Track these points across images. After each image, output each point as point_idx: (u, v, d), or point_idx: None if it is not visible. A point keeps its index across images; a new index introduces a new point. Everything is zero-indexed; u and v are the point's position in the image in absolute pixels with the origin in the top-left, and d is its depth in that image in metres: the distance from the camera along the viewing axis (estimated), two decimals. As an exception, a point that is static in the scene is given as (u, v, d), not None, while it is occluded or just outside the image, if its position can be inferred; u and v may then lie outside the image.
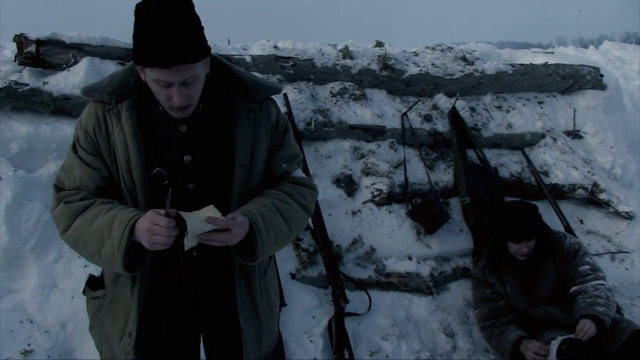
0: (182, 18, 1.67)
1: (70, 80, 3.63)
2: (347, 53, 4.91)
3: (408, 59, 5.17)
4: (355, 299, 3.70)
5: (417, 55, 5.40)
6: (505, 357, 3.53)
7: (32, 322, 2.94)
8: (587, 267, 3.61)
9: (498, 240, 3.75)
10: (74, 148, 1.91)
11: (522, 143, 5.11)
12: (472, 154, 4.75)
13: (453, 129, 4.72)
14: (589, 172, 4.98)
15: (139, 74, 1.81)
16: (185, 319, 2.11)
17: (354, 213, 4.09)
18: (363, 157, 4.36)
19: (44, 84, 3.59)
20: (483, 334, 3.74)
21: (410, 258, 4.05)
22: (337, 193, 4.12)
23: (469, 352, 3.77)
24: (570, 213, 4.85)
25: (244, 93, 1.93)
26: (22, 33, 3.67)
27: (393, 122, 4.63)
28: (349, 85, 4.65)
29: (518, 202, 4.11)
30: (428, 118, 4.79)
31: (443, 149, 4.76)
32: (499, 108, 5.22)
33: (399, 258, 4.03)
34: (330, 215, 3.95)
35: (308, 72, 4.55)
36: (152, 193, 1.87)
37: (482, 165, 4.64)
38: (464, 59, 5.43)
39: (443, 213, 4.20)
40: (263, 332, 2.12)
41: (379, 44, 5.48)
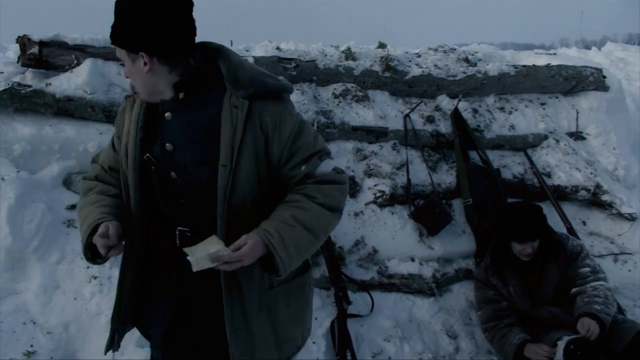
0: (137, 6, 1.79)
1: (73, 82, 3.64)
2: (349, 54, 4.91)
3: (410, 60, 5.17)
4: (358, 301, 3.70)
5: (419, 57, 5.39)
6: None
7: (34, 323, 2.95)
8: (587, 269, 3.61)
9: (502, 241, 3.75)
10: None
11: (524, 144, 5.10)
12: (474, 156, 4.75)
13: (455, 130, 4.71)
14: (592, 173, 4.97)
15: None
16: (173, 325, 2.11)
17: (357, 214, 4.09)
18: (365, 158, 4.36)
19: (47, 86, 3.60)
20: (486, 336, 3.74)
21: (413, 259, 4.05)
22: (339, 194, 4.12)
23: (472, 353, 3.76)
24: (573, 214, 4.84)
25: (233, 88, 1.87)
26: (25, 34, 3.67)
27: (395, 123, 4.62)
28: (352, 87, 4.64)
29: (523, 202, 4.10)
30: (430, 119, 4.79)
31: (445, 151, 4.76)
32: (502, 109, 5.21)
33: (402, 259, 4.03)
34: (333, 217, 3.95)
35: (310, 73, 4.55)
36: (141, 177, 1.99)
37: (484, 167, 4.64)
38: (467, 60, 5.42)
39: (445, 214, 4.20)
40: (256, 350, 2.01)
41: (382, 45, 5.47)
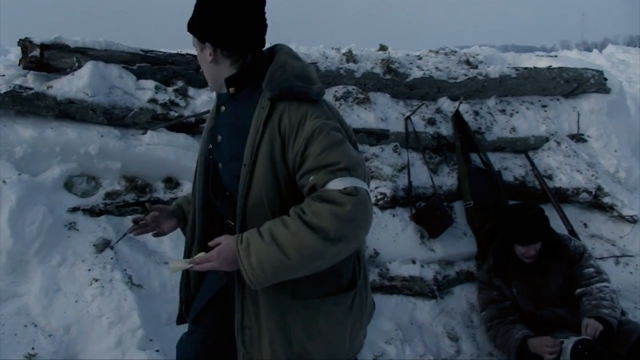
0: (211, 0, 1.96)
1: (75, 85, 3.64)
2: (350, 57, 4.91)
3: (412, 63, 5.17)
4: (359, 303, 3.69)
5: (420, 59, 5.39)
6: (511, 355, 3.53)
7: (36, 325, 2.94)
8: (592, 269, 3.62)
9: (505, 243, 3.75)
10: None
11: (526, 147, 5.10)
12: (475, 158, 4.75)
13: (457, 133, 4.71)
14: (593, 175, 4.97)
15: None
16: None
17: (358, 216, 4.08)
18: (367, 160, 4.36)
19: (48, 88, 3.60)
20: (489, 334, 3.74)
21: (414, 262, 4.05)
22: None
23: (473, 356, 3.76)
24: (574, 217, 4.84)
25: (266, 88, 1.91)
26: (26, 37, 3.68)
27: (397, 125, 4.62)
28: (353, 89, 4.64)
29: (525, 204, 4.11)
30: (432, 122, 4.79)
31: (447, 153, 4.76)
32: (503, 112, 5.21)
33: (403, 262, 4.02)
34: (334, 219, 3.94)
35: (312, 75, 4.54)
36: (206, 167, 2.18)
37: (486, 169, 4.63)
38: (468, 63, 5.42)
39: (447, 217, 4.20)
40: (263, 355, 2.02)
41: (383, 48, 5.48)
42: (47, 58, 3.69)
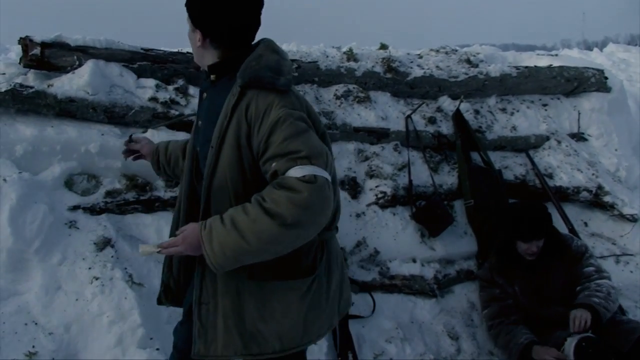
0: None
1: (75, 83, 3.64)
2: (351, 55, 4.91)
3: (412, 62, 5.16)
4: (359, 302, 3.70)
5: (421, 58, 5.39)
6: (512, 358, 3.53)
7: (36, 324, 2.94)
8: (592, 268, 3.64)
9: (507, 240, 3.75)
10: None
11: (526, 145, 5.10)
12: (476, 157, 4.75)
13: (457, 132, 4.71)
14: (594, 174, 4.97)
15: None
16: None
17: (358, 215, 4.09)
18: (367, 159, 4.36)
19: (49, 87, 3.60)
20: (490, 333, 3.74)
21: (415, 260, 4.05)
22: (341, 195, 4.10)
23: (473, 354, 3.76)
24: (575, 216, 4.84)
25: (238, 77, 2.01)
26: (27, 36, 3.67)
27: (397, 124, 4.62)
28: (353, 88, 4.64)
29: (527, 201, 4.13)
30: (432, 120, 4.79)
31: (447, 152, 4.75)
32: (503, 110, 5.21)
33: (403, 260, 4.02)
34: (334, 218, 3.95)
35: (312, 74, 4.55)
36: (190, 152, 2.31)
37: (486, 168, 4.63)
38: (468, 62, 5.42)
39: (447, 216, 4.20)
40: (218, 332, 2.11)
41: (383, 47, 5.48)
42: (47, 56, 3.68)
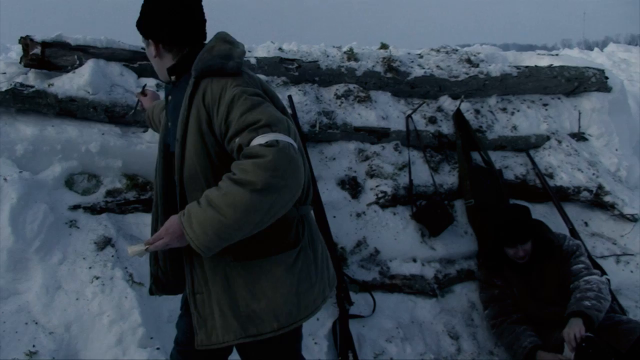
0: (151, 1, 2.23)
1: (76, 82, 3.64)
2: (351, 55, 4.91)
3: (413, 61, 5.16)
4: (360, 301, 3.70)
5: (421, 58, 5.39)
6: None
7: (36, 323, 2.95)
8: (581, 265, 3.64)
9: (495, 246, 3.78)
10: None
11: (526, 145, 5.10)
12: (476, 156, 4.74)
13: (458, 131, 4.71)
14: (594, 174, 4.96)
15: None
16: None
17: (359, 215, 4.09)
18: (368, 159, 4.36)
19: (50, 86, 3.60)
20: (494, 332, 3.75)
21: (415, 260, 4.05)
22: (341, 195, 4.12)
23: (474, 354, 3.76)
24: (575, 215, 4.84)
25: (192, 70, 2.12)
26: (27, 35, 3.67)
27: (398, 124, 4.62)
28: (354, 87, 4.64)
29: (509, 206, 4.15)
30: (433, 120, 4.79)
31: (448, 151, 4.75)
32: (504, 110, 5.21)
33: (404, 260, 4.03)
34: (335, 217, 3.95)
35: (313, 74, 4.55)
36: (160, 152, 2.38)
37: (487, 168, 4.63)
38: (469, 61, 5.42)
39: (447, 215, 4.20)
40: (216, 318, 2.15)
41: (384, 46, 5.47)
42: (48, 56, 3.69)
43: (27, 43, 3.67)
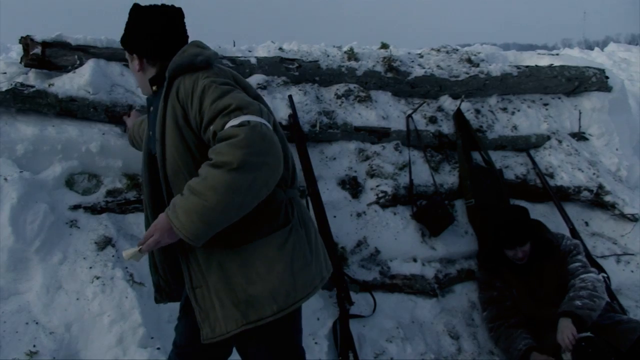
0: (131, 17, 2.35)
1: (76, 82, 3.63)
2: (352, 55, 4.90)
3: (413, 61, 5.16)
4: (360, 301, 3.70)
5: (422, 57, 5.39)
6: None
7: (37, 323, 2.95)
8: (578, 264, 3.64)
9: (494, 247, 3.78)
10: None
11: (527, 145, 5.10)
12: (477, 156, 4.75)
13: (458, 131, 4.71)
14: (595, 174, 4.96)
15: None
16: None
17: (359, 215, 4.08)
18: (368, 158, 4.36)
19: (50, 86, 3.59)
20: (491, 335, 3.75)
21: (415, 260, 4.05)
22: (342, 195, 4.12)
23: (474, 354, 3.77)
24: (576, 215, 4.84)
25: (167, 72, 2.21)
26: (28, 35, 3.67)
27: (398, 123, 4.62)
28: (354, 87, 4.64)
29: (507, 208, 4.15)
30: (433, 120, 4.79)
31: (448, 151, 4.75)
32: (504, 110, 5.21)
33: (404, 260, 4.03)
34: (335, 217, 3.95)
35: (313, 74, 4.55)
36: (145, 159, 2.43)
37: (487, 167, 4.63)
38: (469, 61, 5.41)
39: (448, 215, 4.20)
40: (216, 308, 2.17)
41: (384, 46, 5.47)
42: (48, 56, 3.68)
43: (27, 43, 3.66)
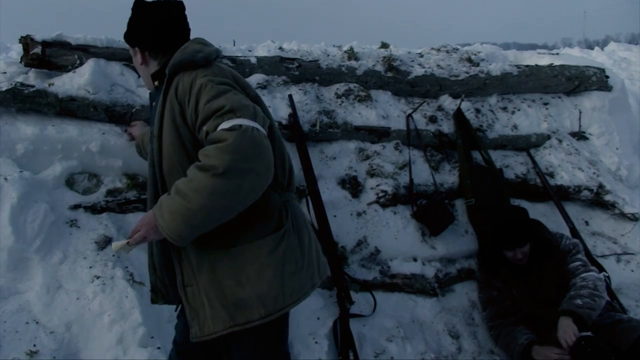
0: (133, 12, 2.37)
1: (76, 82, 3.63)
2: (352, 54, 4.90)
3: (413, 60, 5.16)
4: (360, 301, 3.70)
5: (422, 57, 5.39)
6: (514, 359, 3.54)
7: (37, 323, 2.95)
8: (578, 263, 3.64)
9: (493, 249, 3.78)
10: None
11: (527, 144, 5.10)
12: (477, 156, 4.74)
13: (458, 130, 4.71)
14: (595, 173, 4.96)
15: None
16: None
17: (359, 214, 4.08)
18: (368, 158, 4.36)
19: (50, 86, 3.59)
20: (491, 334, 3.75)
21: (415, 259, 4.05)
22: (342, 194, 4.12)
23: (474, 353, 3.76)
24: (576, 214, 4.84)
25: (167, 69, 2.22)
26: (28, 34, 3.66)
27: (398, 123, 4.62)
28: (354, 87, 4.64)
29: (506, 209, 4.14)
30: (433, 119, 4.78)
31: (448, 151, 4.75)
32: (504, 109, 5.20)
33: (404, 259, 4.03)
34: (335, 217, 3.95)
35: (313, 73, 4.55)
36: (150, 158, 2.34)
37: (487, 167, 4.63)
38: (469, 60, 5.42)
39: (448, 214, 4.20)
40: (206, 309, 2.18)
41: (384, 45, 5.47)
42: (48, 55, 3.68)
43: (27, 42, 3.66)
